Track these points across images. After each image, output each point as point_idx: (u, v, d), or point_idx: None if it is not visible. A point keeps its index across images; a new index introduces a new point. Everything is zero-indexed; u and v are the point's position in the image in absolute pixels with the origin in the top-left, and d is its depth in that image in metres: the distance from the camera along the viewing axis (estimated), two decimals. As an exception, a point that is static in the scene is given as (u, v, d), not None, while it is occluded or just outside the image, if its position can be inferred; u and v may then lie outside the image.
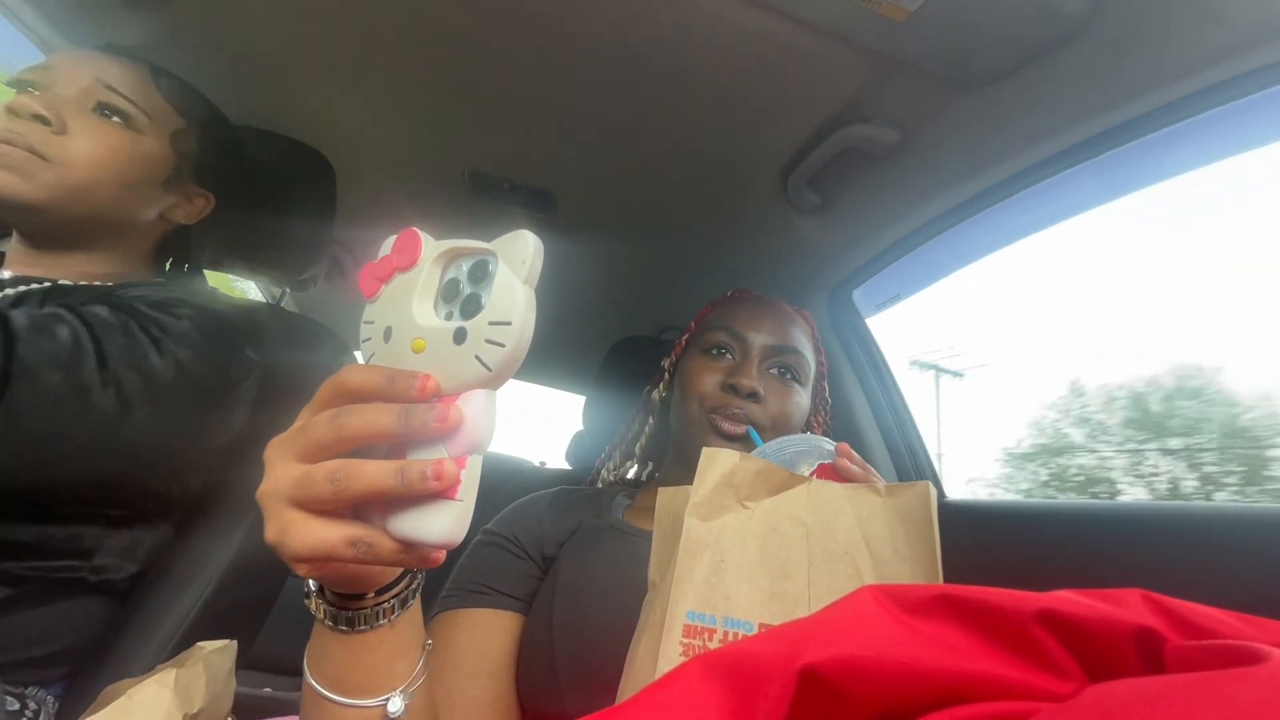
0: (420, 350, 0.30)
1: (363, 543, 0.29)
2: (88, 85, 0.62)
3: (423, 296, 0.31)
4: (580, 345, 1.58)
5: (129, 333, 0.54)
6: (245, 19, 0.79)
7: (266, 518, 0.30)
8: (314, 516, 0.29)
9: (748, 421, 0.70)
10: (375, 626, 0.37)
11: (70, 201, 0.60)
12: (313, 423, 0.30)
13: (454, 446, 0.29)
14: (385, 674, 0.38)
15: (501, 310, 0.28)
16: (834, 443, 0.56)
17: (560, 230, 1.17)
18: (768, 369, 0.74)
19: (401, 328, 0.31)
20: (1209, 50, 0.58)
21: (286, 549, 0.30)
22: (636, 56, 0.75)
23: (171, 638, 0.59)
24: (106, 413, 0.52)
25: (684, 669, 0.24)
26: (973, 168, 0.81)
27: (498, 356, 0.28)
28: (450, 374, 0.29)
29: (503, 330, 0.28)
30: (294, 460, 0.30)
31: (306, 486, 0.29)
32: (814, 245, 1.07)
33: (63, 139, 0.59)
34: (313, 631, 0.39)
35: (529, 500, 0.74)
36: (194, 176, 0.70)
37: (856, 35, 0.67)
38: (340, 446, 0.29)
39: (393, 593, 0.37)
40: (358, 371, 0.30)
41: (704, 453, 0.45)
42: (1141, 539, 0.68)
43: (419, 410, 0.28)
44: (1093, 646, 0.22)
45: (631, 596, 0.48)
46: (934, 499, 0.43)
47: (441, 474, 0.27)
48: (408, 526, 0.29)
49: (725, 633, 0.39)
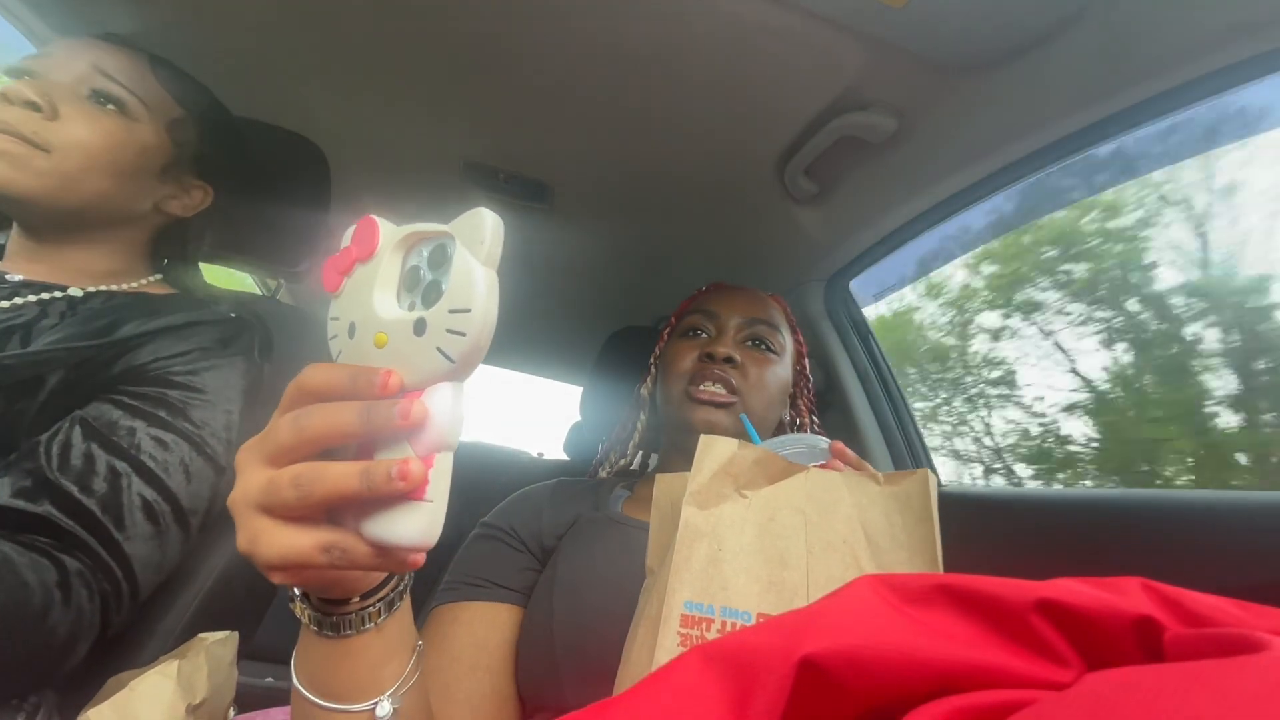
0: (383, 345, 0.29)
1: (336, 548, 0.28)
2: (83, 72, 0.61)
3: (384, 287, 0.30)
4: (577, 336, 1.58)
5: (183, 464, 0.56)
6: (235, 8, 0.78)
7: (238, 526, 0.29)
8: (284, 523, 0.28)
9: (726, 387, 0.71)
10: (361, 631, 0.36)
11: (62, 189, 0.59)
12: (276, 425, 0.29)
13: (421, 444, 0.27)
14: (372, 679, 0.37)
15: (460, 297, 0.27)
16: (828, 441, 0.56)
17: (556, 220, 1.16)
18: (743, 340, 0.77)
19: (364, 322, 0.30)
20: (1207, 37, 0.58)
21: (258, 558, 0.29)
22: (631, 46, 0.75)
23: (174, 629, 0.59)
24: (188, 537, 0.57)
25: (682, 660, 0.24)
26: (971, 155, 0.80)
27: (459, 346, 0.27)
28: (413, 368, 0.28)
29: (463, 318, 0.26)
30: (262, 465, 0.29)
31: (272, 493, 0.28)
32: (811, 235, 1.06)
33: (55, 125, 0.58)
34: (300, 636, 0.38)
35: (527, 493, 0.74)
36: (192, 167, 0.70)
37: (853, 21, 0.67)
38: (305, 449, 0.28)
39: (378, 596, 0.36)
40: (320, 371, 0.29)
41: (701, 440, 0.45)
42: (1140, 526, 0.68)
43: (380, 407, 0.27)
44: (1092, 635, 0.23)
45: (630, 587, 0.48)
46: (933, 487, 0.43)
47: (407, 474, 0.26)
48: (380, 529, 0.28)
49: (723, 623, 0.39)
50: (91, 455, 0.51)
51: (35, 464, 0.50)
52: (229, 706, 0.49)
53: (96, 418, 0.53)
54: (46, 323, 0.58)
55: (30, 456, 0.51)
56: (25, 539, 0.47)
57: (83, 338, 0.57)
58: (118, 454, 0.52)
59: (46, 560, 0.46)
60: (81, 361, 0.56)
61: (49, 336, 0.56)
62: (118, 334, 0.58)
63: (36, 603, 0.44)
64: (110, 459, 0.52)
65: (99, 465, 0.51)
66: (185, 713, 0.42)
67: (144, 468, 0.53)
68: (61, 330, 0.57)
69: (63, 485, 0.49)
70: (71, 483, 0.50)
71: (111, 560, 0.50)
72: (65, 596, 0.46)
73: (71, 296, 0.61)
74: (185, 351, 0.60)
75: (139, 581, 0.52)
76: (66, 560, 0.48)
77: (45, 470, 0.50)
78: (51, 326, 0.58)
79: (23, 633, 0.44)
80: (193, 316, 0.63)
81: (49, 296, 0.60)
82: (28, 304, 0.59)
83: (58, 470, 0.50)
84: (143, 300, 0.64)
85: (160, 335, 0.60)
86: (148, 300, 0.64)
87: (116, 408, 0.55)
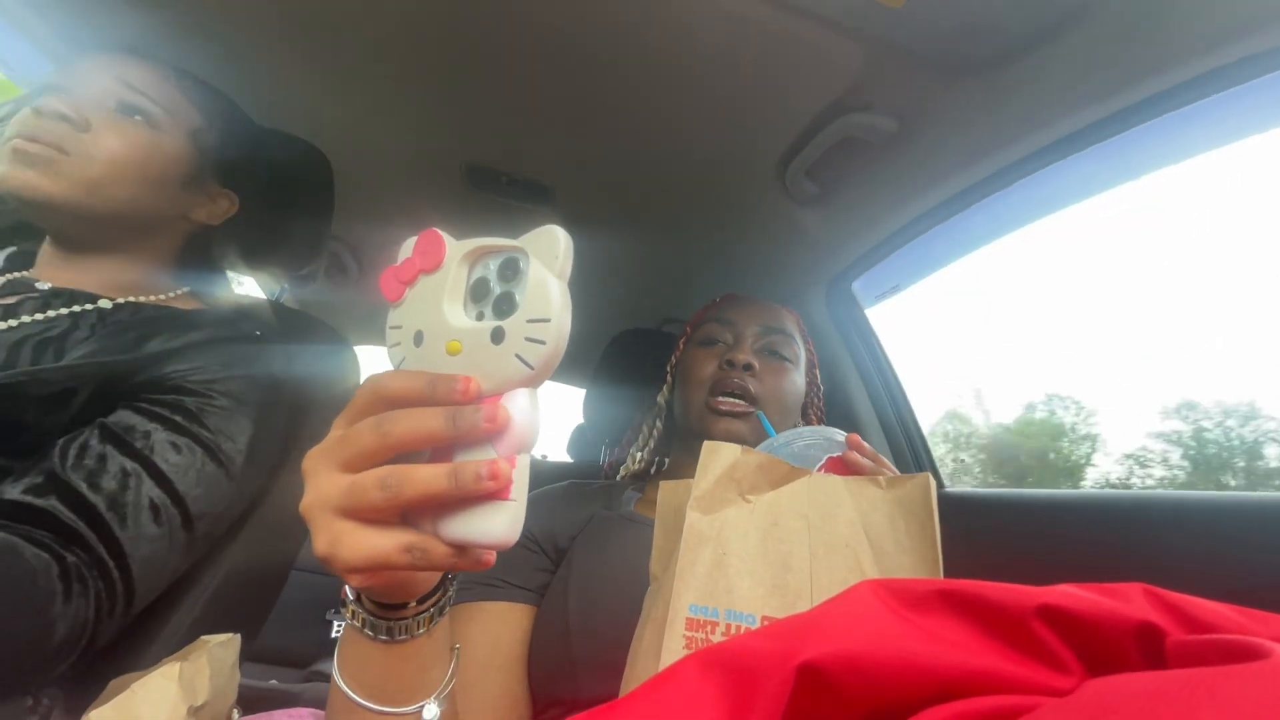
0: (456, 352, 0.30)
1: (416, 549, 0.29)
2: (109, 85, 0.63)
3: (452, 298, 0.31)
4: (580, 338, 1.54)
5: (196, 469, 0.57)
6: (238, 14, 0.78)
7: (314, 531, 0.30)
8: (365, 526, 0.29)
9: (746, 397, 0.73)
10: (415, 636, 0.37)
11: (92, 197, 0.61)
12: (355, 430, 0.29)
13: (503, 446, 0.28)
14: (423, 681, 0.38)
15: (539, 307, 0.28)
16: (844, 434, 0.56)
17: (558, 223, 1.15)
18: (760, 349, 0.79)
19: (433, 330, 0.31)
20: (1208, 35, 0.58)
21: (339, 560, 0.29)
22: (632, 48, 0.75)
23: (177, 631, 0.59)
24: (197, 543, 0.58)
25: (681, 665, 0.24)
26: (972, 155, 0.80)
27: (539, 354, 0.28)
28: (489, 374, 0.29)
29: (542, 327, 0.28)
30: (337, 470, 0.30)
31: (356, 495, 0.28)
32: (812, 236, 1.06)
33: (86, 136, 0.60)
34: (344, 638, 0.38)
35: (541, 494, 0.75)
36: (216, 175, 0.71)
37: (853, 22, 0.67)
38: (386, 454, 0.29)
39: (431, 601, 0.37)
40: (397, 377, 0.30)
41: (705, 446, 0.45)
42: (1141, 527, 0.68)
43: (466, 412, 0.28)
44: (1093, 641, 0.22)
45: (646, 584, 0.48)
46: (934, 491, 0.43)
47: (497, 474, 0.27)
48: (461, 529, 0.29)
49: (728, 625, 0.39)
50: (105, 455, 0.52)
51: (49, 463, 0.51)
52: (231, 708, 0.49)
53: (115, 423, 0.54)
54: (78, 335, 0.59)
55: (47, 457, 0.52)
56: (23, 530, 0.47)
57: (113, 351, 0.58)
58: (131, 455, 0.53)
59: (48, 554, 0.47)
60: (111, 375, 0.57)
61: (81, 349, 0.57)
62: (146, 349, 0.59)
63: (40, 593, 0.45)
64: (123, 459, 0.53)
65: (111, 465, 0.52)
66: (187, 714, 0.42)
67: (156, 469, 0.54)
68: (93, 343, 0.58)
69: (71, 482, 0.50)
70: (81, 480, 0.50)
71: (109, 558, 0.50)
72: (66, 590, 0.47)
73: (101, 309, 0.63)
74: (206, 364, 0.61)
75: (136, 585, 0.52)
76: (66, 556, 0.48)
77: (57, 468, 0.50)
78: (83, 339, 0.59)
79: (26, 621, 0.44)
80: (219, 333, 0.64)
81: (80, 309, 0.62)
82: (60, 316, 0.60)
83: (70, 469, 0.51)
84: (170, 315, 0.65)
85: (186, 351, 0.61)
86: (175, 315, 0.66)
87: (135, 413, 0.56)
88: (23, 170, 0.58)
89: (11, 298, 0.61)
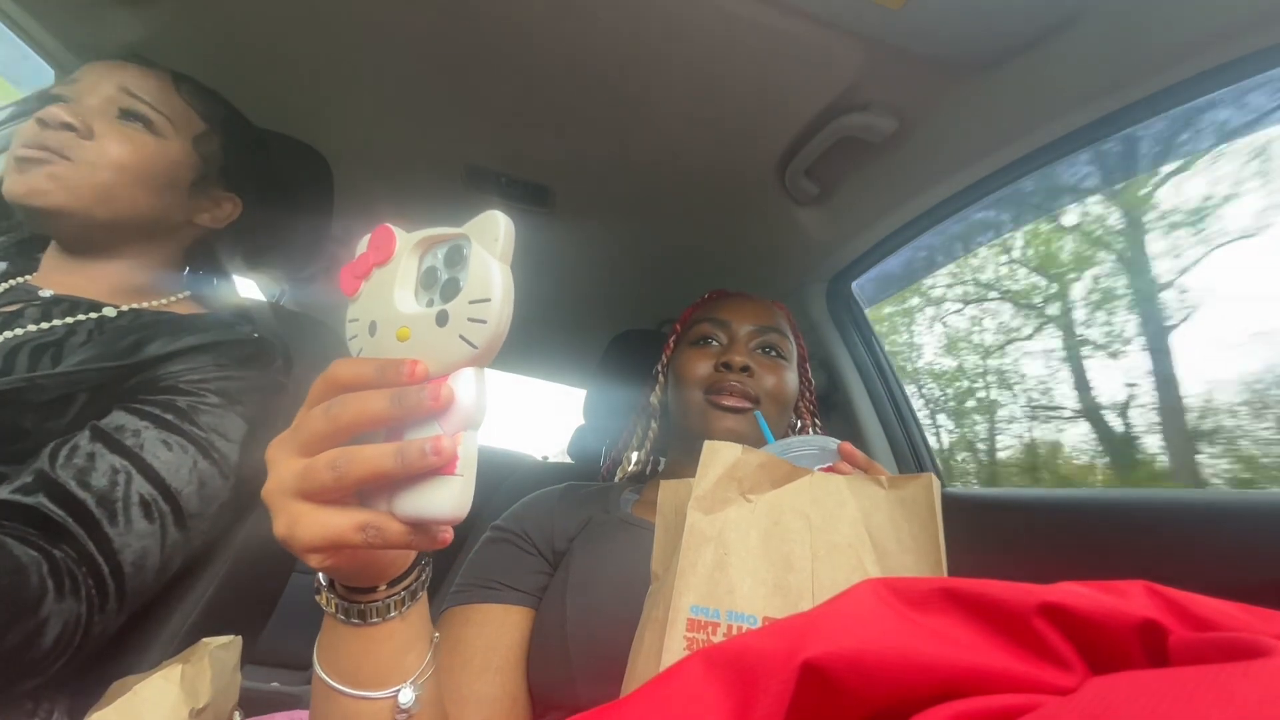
0: (405, 338, 0.31)
1: (371, 527, 0.30)
2: (111, 93, 0.64)
3: (402, 287, 0.32)
4: (580, 339, 1.58)
5: (188, 467, 0.57)
6: (237, 16, 0.78)
7: (274, 514, 0.31)
8: (321, 506, 0.30)
9: (745, 397, 0.72)
10: (386, 619, 0.37)
11: (96, 204, 0.61)
12: (308, 416, 0.31)
13: (449, 424, 0.29)
14: (396, 666, 0.39)
15: (480, 288, 0.29)
16: (837, 442, 0.56)
17: (558, 224, 1.16)
18: (754, 348, 0.78)
19: (385, 319, 0.32)
20: (1205, 35, 0.58)
21: (297, 541, 0.30)
22: (632, 50, 0.75)
23: (177, 633, 0.59)
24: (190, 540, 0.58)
25: (685, 664, 0.24)
26: (971, 155, 0.80)
27: (481, 333, 0.29)
28: (437, 356, 0.30)
29: (483, 307, 0.29)
30: (295, 455, 0.31)
31: (310, 478, 0.30)
32: (812, 236, 1.06)
33: (90, 144, 0.61)
34: (323, 625, 0.39)
35: (538, 496, 0.75)
36: (219, 180, 0.72)
37: (851, 22, 0.67)
38: (338, 436, 0.30)
39: (403, 585, 0.38)
40: (347, 364, 0.31)
41: (706, 446, 0.45)
42: (1143, 526, 0.68)
43: (411, 392, 0.29)
44: (1096, 639, 0.22)
45: (643, 588, 0.48)
46: (937, 490, 0.43)
47: (440, 449, 0.28)
48: (412, 506, 0.30)
49: (729, 626, 0.39)
50: (94, 454, 0.52)
51: (40, 464, 0.51)
52: (233, 711, 0.49)
53: (107, 423, 0.54)
54: (75, 340, 0.59)
55: (38, 458, 0.52)
56: (10, 528, 0.47)
57: (110, 357, 0.58)
58: (121, 453, 0.53)
59: (36, 551, 0.47)
60: (108, 380, 0.57)
61: (78, 355, 0.58)
62: (143, 353, 0.59)
63: (32, 589, 0.45)
64: (113, 457, 0.53)
65: (100, 463, 0.52)
66: (189, 717, 0.42)
67: (146, 466, 0.54)
68: (90, 349, 0.58)
69: (59, 479, 0.50)
70: (70, 478, 0.50)
71: (98, 554, 0.50)
72: (58, 586, 0.47)
73: (104, 316, 0.63)
74: (200, 365, 0.61)
75: (127, 583, 0.52)
76: (54, 552, 0.48)
77: (46, 468, 0.51)
78: (81, 344, 0.59)
79: (17, 617, 0.44)
80: (217, 336, 0.64)
81: (81, 317, 0.62)
82: (56, 324, 0.60)
83: (59, 468, 0.51)
84: (169, 319, 0.65)
85: (182, 354, 0.61)
86: (174, 319, 0.66)
87: (127, 413, 0.56)
88: (28, 179, 0.59)
89: (12, 306, 0.61)
